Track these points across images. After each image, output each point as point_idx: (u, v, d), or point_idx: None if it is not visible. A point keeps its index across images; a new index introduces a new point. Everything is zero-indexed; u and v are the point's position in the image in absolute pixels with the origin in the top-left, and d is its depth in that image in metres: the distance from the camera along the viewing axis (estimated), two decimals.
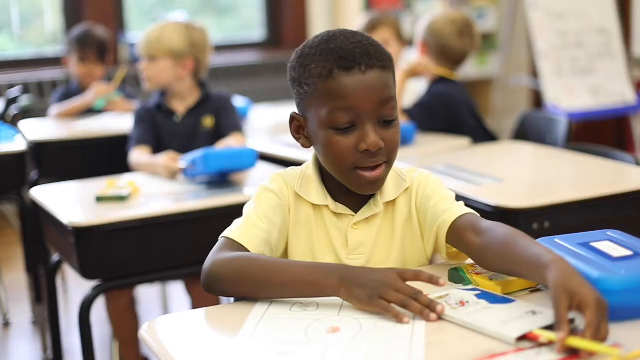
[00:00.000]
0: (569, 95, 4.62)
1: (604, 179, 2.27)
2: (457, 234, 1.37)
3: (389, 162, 1.38)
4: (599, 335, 1.05)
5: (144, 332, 1.24)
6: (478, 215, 1.39)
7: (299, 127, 1.43)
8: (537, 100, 5.37)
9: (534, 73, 4.88)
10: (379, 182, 1.38)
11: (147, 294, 3.62)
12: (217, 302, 1.97)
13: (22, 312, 3.51)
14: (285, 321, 1.23)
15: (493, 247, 1.29)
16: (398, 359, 1.08)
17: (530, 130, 3.09)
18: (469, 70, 5.53)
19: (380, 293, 1.20)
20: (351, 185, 1.39)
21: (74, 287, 3.71)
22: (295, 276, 1.27)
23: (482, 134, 2.96)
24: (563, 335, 1.05)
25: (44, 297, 2.99)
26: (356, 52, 1.33)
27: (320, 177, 1.44)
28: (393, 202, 1.44)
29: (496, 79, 5.38)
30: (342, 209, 1.43)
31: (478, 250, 1.32)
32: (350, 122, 1.34)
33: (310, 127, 1.40)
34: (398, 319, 1.18)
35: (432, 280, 1.23)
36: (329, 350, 1.12)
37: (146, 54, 2.74)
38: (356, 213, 1.43)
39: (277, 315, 1.26)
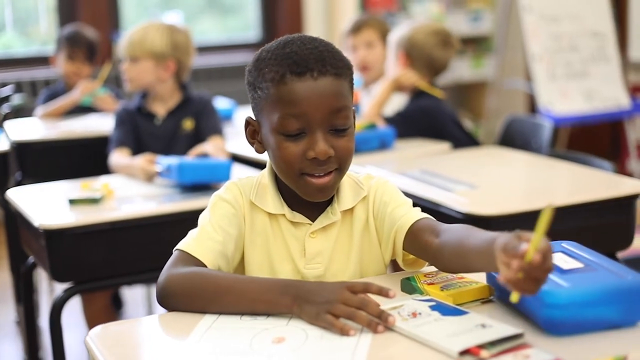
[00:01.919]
0: (563, 99, 4.58)
1: (579, 186, 2.25)
2: (414, 237, 1.36)
3: (340, 170, 1.36)
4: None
5: (89, 339, 1.23)
6: (434, 219, 1.39)
7: (253, 132, 1.42)
8: (532, 104, 5.34)
9: (530, 77, 4.85)
10: (328, 190, 1.36)
11: (132, 296, 3.61)
12: None
13: (8, 312, 3.50)
14: (233, 330, 1.22)
15: (449, 244, 1.28)
16: None
17: (516, 135, 3.07)
18: (464, 72, 5.52)
19: (327, 308, 1.19)
20: (300, 191, 1.37)
21: (60, 287, 3.70)
22: (248, 294, 1.26)
23: (469, 145, 2.93)
24: (526, 247, 1.04)
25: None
26: (310, 58, 1.31)
27: (276, 185, 1.43)
28: (350, 210, 1.43)
29: (491, 82, 5.36)
30: (299, 217, 1.41)
31: (435, 251, 1.32)
32: (300, 129, 1.32)
33: (263, 132, 1.38)
34: (343, 332, 1.17)
35: (382, 293, 1.21)
36: None
37: (128, 55, 2.73)
38: (313, 222, 1.41)
39: (226, 324, 1.24)
